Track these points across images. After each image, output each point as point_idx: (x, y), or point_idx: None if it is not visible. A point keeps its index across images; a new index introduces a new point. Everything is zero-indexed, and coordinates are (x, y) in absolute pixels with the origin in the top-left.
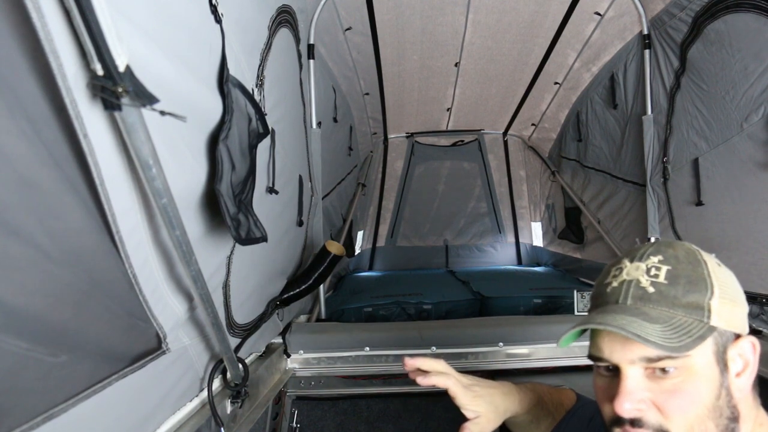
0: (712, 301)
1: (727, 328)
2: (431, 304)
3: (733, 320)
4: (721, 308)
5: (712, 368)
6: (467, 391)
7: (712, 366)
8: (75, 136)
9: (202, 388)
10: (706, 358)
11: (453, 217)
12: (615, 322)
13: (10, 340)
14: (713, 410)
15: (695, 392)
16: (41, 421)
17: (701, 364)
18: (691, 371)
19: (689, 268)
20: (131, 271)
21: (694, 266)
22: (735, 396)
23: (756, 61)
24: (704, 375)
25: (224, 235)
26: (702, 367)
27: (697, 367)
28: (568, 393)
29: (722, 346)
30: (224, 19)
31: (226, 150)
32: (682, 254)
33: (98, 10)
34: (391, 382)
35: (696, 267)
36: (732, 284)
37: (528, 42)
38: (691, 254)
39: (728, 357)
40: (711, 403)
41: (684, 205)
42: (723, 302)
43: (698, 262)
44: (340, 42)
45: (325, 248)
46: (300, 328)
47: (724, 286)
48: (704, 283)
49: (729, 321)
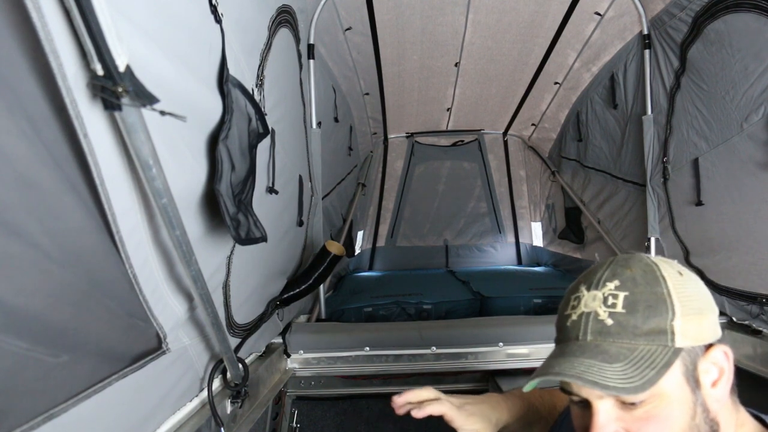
0: (675, 322)
1: (696, 343)
2: (431, 304)
3: (701, 334)
4: (685, 326)
5: (683, 389)
6: (461, 411)
7: (682, 386)
8: (75, 136)
9: (202, 388)
10: (675, 381)
11: (453, 217)
12: (572, 371)
13: (10, 340)
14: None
15: (669, 417)
16: (42, 421)
17: (671, 388)
18: (661, 397)
19: (647, 290)
20: (131, 271)
21: (652, 286)
22: (713, 409)
23: (756, 61)
24: (676, 398)
25: (224, 235)
26: (672, 390)
27: (668, 391)
28: (562, 395)
29: (691, 363)
30: (224, 19)
31: (225, 150)
32: (639, 274)
33: (98, 10)
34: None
35: (654, 287)
36: (696, 294)
37: (528, 42)
38: (648, 272)
39: (700, 371)
40: (686, 424)
41: (684, 205)
42: (687, 319)
43: (657, 281)
44: (340, 42)
45: (325, 248)
46: (300, 328)
47: (688, 301)
48: (664, 304)
49: (696, 336)
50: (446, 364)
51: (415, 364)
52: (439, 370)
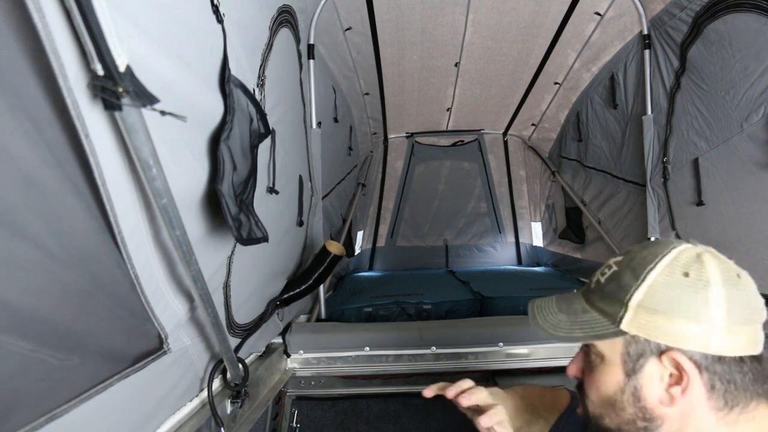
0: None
1: (646, 336)
2: (431, 304)
3: (659, 332)
4: (636, 316)
5: (616, 367)
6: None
7: (616, 365)
8: (77, 136)
9: (202, 388)
10: (613, 356)
11: (453, 217)
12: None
13: (14, 340)
14: (613, 403)
15: (597, 378)
16: (45, 421)
17: (608, 359)
18: (602, 359)
19: (628, 273)
20: (133, 272)
21: (634, 271)
22: (651, 403)
23: (756, 61)
24: (607, 369)
25: (225, 235)
26: (608, 361)
27: (606, 359)
28: (562, 394)
29: (637, 353)
30: (226, 19)
31: (227, 150)
32: (639, 258)
33: (99, 10)
34: (391, 382)
35: (636, 272)
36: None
37: (528, 42)
38: (648, 260)
39: (647, 366)
40: (609, 395)
41: (684, 205)
42: (641, 311)
43: (642, 268)
44: (340, 42)
45: (325, 248)
46: (300, 328)
47: (654, 297)
48: (629, 290)
49: (647, 330)
50: (446, 364)
51: (415, 364)
52: (439, 370)
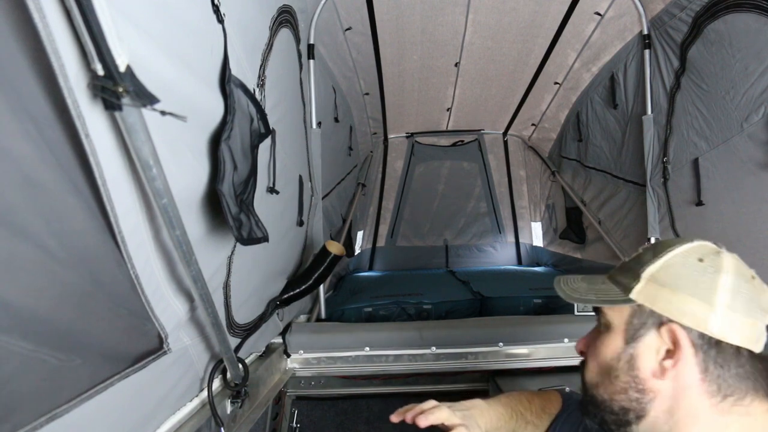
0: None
1: (651, 306)
2: (431, 304)
3: (662, 303)
4: (646, 287)
5: (618, 334)
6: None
7: (618, 332)
8: (77, 136)
9: (202, 388)
10: (617, 324)
11: (453, 217)
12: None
13: (14, 341)
14: (610, 368)
15: (599, 345)
16: (45, 421)
17: (613, 326)
18: (608, 328)
19: (649, 252)
20: (133, 272)
21: (654, 250)
22: (644, 373)
23: (756, 61)
24: (610, 336)
25: (225, 235)
26: (612, 328)
27: (611, 327)
28: (553, 397)
29: (639, 322)
30: (226, 19)
31: (228, 150)
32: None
33: (99, 10)
34: (391, 382)
35: (656, 251)
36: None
37: (528, 42)
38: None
39: (646, 337)
40: (607, 361)
41: (684, 205)
42: (651, 283)
43: (663, 249)
44: (340, 42)
45: (325, 248)
46: (300, 328)
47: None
48: (645, 264)
49: (652, 300)
50: (446, 364)
51: (415, 364)
52: (439, 370)
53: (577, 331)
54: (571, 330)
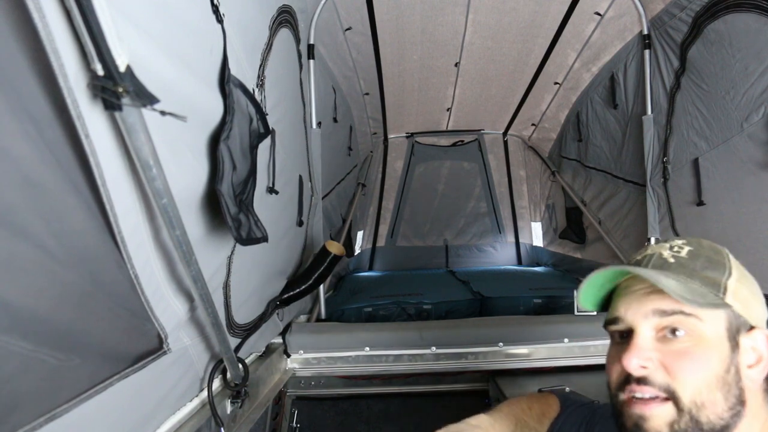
0: (729, 281)
1: (742, 313)
2: (431, 304)
3: (749, 308)
4: (737, 290)
5: (722, 342)
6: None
7: (722, 340)
8: (77, 136)
9: (202, 388)
10: (717, 330)
11: (453, 217)
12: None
13: (14, 340)
14: (722, 382)
15: (704, 358)
16: (44, 421)
17: (712, 334)
18: (701, 338)
19: (711, 252)
20: (133, 272)
21: (715, 252)
22: (744, 380)
23: (756, 61)
24: (714, 345)
25: (225, 235)
26: (713, 336)
27: (708, 335)
28: (551, 400)
29: (735, 327)
30: (225, 19)
31: (227, 150)
32: (706, 243)
33: (99, 10)
34: (391, 382)
35: (717, 254)
36: (752, 282)
37: (528, 42)
38: (713, 246)
39: (741, 343)
40: (720, 374)
41: (684, 205)
42: (740, 286)
43: (720, 252)
44: (340, 42)
45: (325, 248)
46: (300, 328)
47: (744, 277)
48: (723, 266)
49: (745, 307)
50: (446, 364)
51: (415, 364)
52: (439, 370)
53: (578, 331)
54: (571, 330)
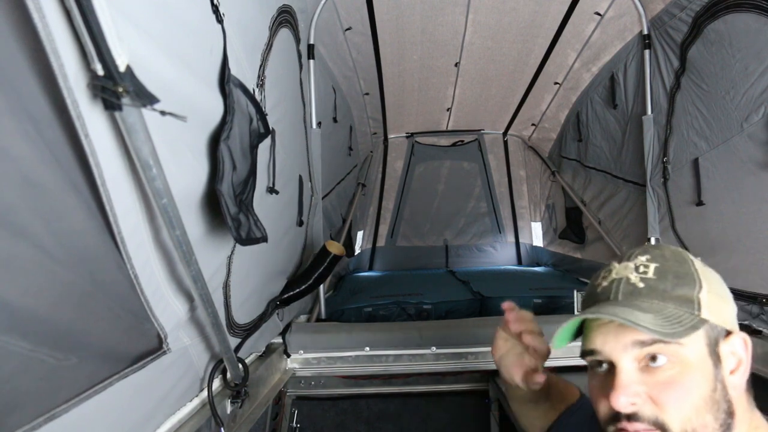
0: (701, 295)
1: (718, 322)
2: (431, 304)
3: (723, 315)
4: (710, 302)
5: (705, 361)
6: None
7: (705, 358)
8: (76, 136)
9: (202, 388)
10: (699, 351)
11: (453, 217)
12: (606, 311)
13: (14, 340)
14: (710, 403)
15: (690, 384)
16: (43, 421)
17: (694, 356)
18: (685, 363)
19: (676, 265)
20: (133, 272)
21: (680, 263)
22: (729, 392)
23: (756, 61)
24: (698, 367)
25: (225, 235)
26: (695, 359)
27: (691, 358)
28: (573, 389)
29: (714, 340)
30: (225, 19)
31: (227, 150)
32: (669, 253)
33: (99, 10)
34: (391, 382)
35: (683, 264)
36: (719, 283)
37: (528, 42)
38: (677, 254)
39: (721, 353)
40: (707, 395)
41: (684, 205)
42: (711, 296)
43: (684, 261)
44: (340, 42)
45: (325, 248)
46: (300, 328)
47: (712, 283)
48: (692, 278)
49: (719, 316)
50: (446, 364)
51: (415, 364)
52: (439, 370)
53: None
54: None
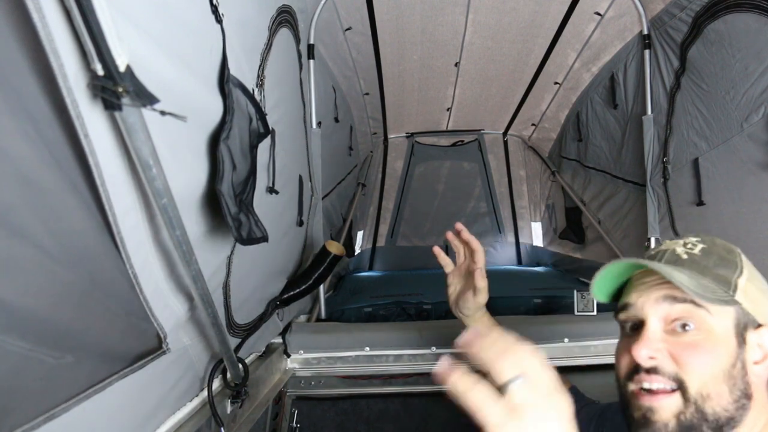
0: (740, 280)
1: (751, 311)
2: (431, 304)
3: (758, 306)
4: (747, 288)
5: (730, 337)
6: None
7: (730, 336)
8: (76, 136)
9: (202, 388)
10: (726, 326)
11: (453, 217)
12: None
13: (12, 340)
14: (728, 376)
15: (712, 351)
16: (42, 421)
17: (720, 329)
18: (710, 332)
19: (723, 251)
20: (132, 272)
21: (728, 252)
22: (750, 375)
23: (756, 61)
24: (722, 340)
25: (224, 235)
26: (721, 332)
27: (717, 330)
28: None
29: (743, 324)
30: (225, 19)
31: (227, 150)
32: (719, 242)
33: (98, 10)
34: (391, 382)
35: (730, 253)
36: (763, 280)
37: (528, 42)
38: (727, 245)
39: (748, 339)
40: (726, 368)
41: (684, 205)
42: (750, 285)
43: (732, 251)
44: (340, 42)
45: (325, 248)
46: (300, 328)
47: (754, 275)
48: (735, 264)
49: (754, 305)
50: None
51: (415, 364)
52: None
53: (578, 331)
54: (571, 330)
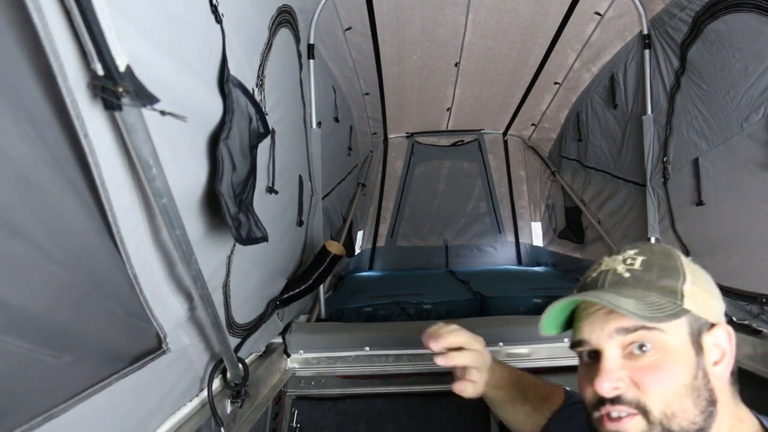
0: (685, 287)
1: (701, 314)
2: (431, 304)
3: (707, 309)
4: (693, 293)
5: (687, 348)
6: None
7: (687, 346)
8: (76, 136)
9: (202, 388)
10: (681, 339)
11: (453, 217)
12: (591, 296)
13: (12, 340)
14: (691, 389)
15: (671, 369)
16: (42, 421)
17: (676, 343)
18: (667, 350)
19: (662, 258)
20: (132, 272)
21: (667, 258)
22: (712, 381)
23: (756, 61)
24: (680, 354)
25: (224, 235)
26: (677, 346)
27: (673, 345)
28: (558, 392)
29: (697, 330)
30: (225, 19)
31: (227, 150)
32: (657, 249)
33: (98, 10)
34: (391, 382)
35: (669, 259)
36: (706, 278)
37: (528, 42)
38: (665, 250)
39: (704, 343)
40: (688, 381)
41: (684, 205)
42: (696, 289)
43: (671, 256)
44: (340, 42)
45: (325, 248)
46: (300, 328)
47: (698, 278)
48: (677, 271)
49: (703, 307)
50: None
51: (415, 364)
52: (439, 370)
53: None
54: None
